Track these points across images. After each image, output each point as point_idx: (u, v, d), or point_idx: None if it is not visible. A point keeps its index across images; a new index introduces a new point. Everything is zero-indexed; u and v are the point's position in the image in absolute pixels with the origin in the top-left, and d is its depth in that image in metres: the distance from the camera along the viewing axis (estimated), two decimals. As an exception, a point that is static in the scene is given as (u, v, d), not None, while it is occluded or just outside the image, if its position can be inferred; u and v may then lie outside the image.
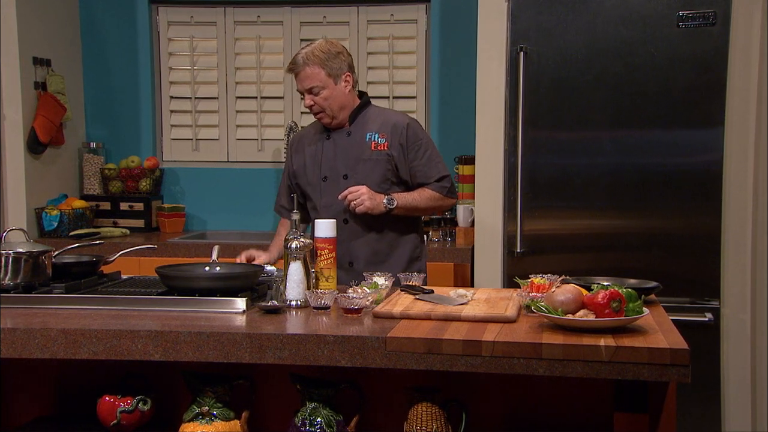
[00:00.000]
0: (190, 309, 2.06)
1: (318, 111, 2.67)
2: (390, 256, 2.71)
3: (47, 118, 3.87)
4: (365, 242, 2.69)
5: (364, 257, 2.68)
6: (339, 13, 4.14)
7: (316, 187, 2.72)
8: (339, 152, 2.70)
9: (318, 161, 2.72)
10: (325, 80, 2.64)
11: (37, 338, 1.86)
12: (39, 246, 2.27)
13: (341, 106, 2.69)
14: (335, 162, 2.70)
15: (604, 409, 1.93)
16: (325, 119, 2.69)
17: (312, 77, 2.63)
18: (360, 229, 2.68)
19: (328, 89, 2.65)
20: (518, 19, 3.28)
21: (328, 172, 2.70)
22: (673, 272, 3.21)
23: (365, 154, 2.67)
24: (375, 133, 2.69)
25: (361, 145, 2.68)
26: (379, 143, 2.67)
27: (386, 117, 2.74)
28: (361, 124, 2.72)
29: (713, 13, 3.15)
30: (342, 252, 2.61)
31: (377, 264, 2.64)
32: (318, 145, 2.74)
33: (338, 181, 2.68)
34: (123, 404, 1.99)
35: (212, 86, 4.24)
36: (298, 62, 2.65)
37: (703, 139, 3.22)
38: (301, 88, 2.67)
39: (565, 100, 3.29)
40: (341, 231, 2.59)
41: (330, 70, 2.65)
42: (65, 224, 3.86)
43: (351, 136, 2.71)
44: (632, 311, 1.83)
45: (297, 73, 2.66)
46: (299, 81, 2.67)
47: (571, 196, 3.30)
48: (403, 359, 1.76)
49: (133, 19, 4.20)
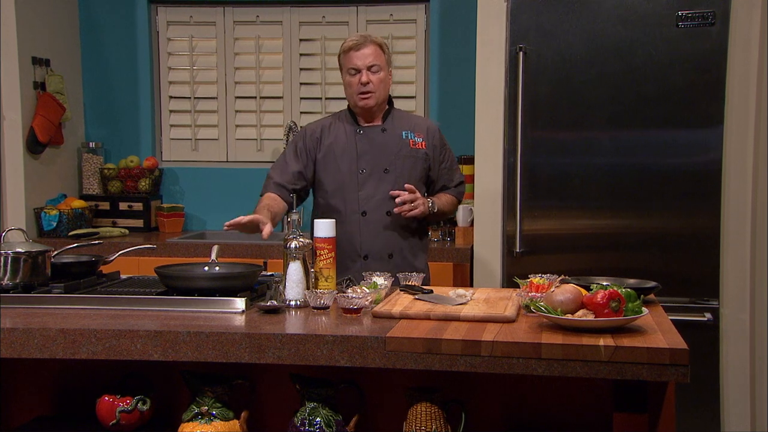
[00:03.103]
0: (190, 309, 2.06)
1: (369, 91, 2.66)
2: (420, 250, 2.79)
3: (46, 117, 3.87)
4: (403, 235, 2.73)
5: (400, 249, 2.72)
6: (338, 13, 4.14)
7: (352, 178, 2.70)
8: (375, 147, 2.72)
9: (353, 154, 2.71)
10: (384, 63, 2.69)
11: (36, 338, 1.86)
12: (38, 246, 2.26)
13: (386, 96, 2.74)
14: (373, 156, 2.71)
15: (603, 409, 1.93)
16: (371, 100, 2.68)
17: (376, 55, 2.66)
18: (399, 222, 2.70)
19: (385, 72, 2.70)
20: (517, 19, 3.28)
21: (366, 166, 2.70)
22: (672, 272, 3.21)
23: (404, 150, 2.71)
24: (410, 131, 2.75)
25: (399, 141, 2.72)
26: (417, 141, 2.74)
27: (415, 119, 2.87)
28: (393, 123, 2.76)
29: (712, 13, 3.15)
30: (381, 244, 2.69)
31: (411, 257, 2.73)
32: (349, 138, 2.73)
33: (378, 174, 2.69)
34: (122, 404, 1.99)
35: (211, 86, 4.24)
36: (364, 39, 2.68)
37: (702, 138, 3.22)
38: (362, 65, 2.65)
39: (564, 100, 3.29)
40: (382, 224, 2.68)
41: (388, 58, 2.72)
42: (64, 224, 3.86)
43: (386, 132, 2.73)
44: (631, 311, 1.83)
45: (360, 48, 2.66)
46: (360, 57, 2.65)
47: (571, 196, 3.30)
48: (402, 359, 1.76)
49: (132, 18, 4.20)
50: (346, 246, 2.65)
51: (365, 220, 2.69)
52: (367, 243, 2.70)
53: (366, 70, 2.65)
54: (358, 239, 2.69)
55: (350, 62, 2.67)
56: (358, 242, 2.69)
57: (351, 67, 2.67)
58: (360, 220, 2.69)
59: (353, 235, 2.69)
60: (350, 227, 2.68)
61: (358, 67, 2.66)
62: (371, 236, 2.69)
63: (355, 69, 2.67)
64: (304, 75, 4.19)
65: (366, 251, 2.69)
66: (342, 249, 2.64)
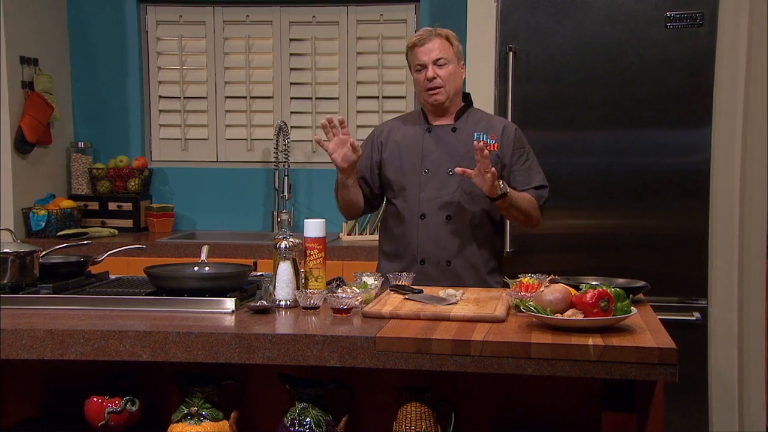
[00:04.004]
0: (179, 309, 2.05)
1: (437, 86, 2.54)
2: (478, 262, 2.60)
3: (34, 117, 3.85)
4: (462, 243, 2.58)
5: (463, 257, 2.57)
6: (328, 13, 4.14)
7: (413, 178, 2.60)
8: (443, 146, 2.59)
9: (418, 153, 2.60)
10: (452, 56, 2.56)
11: (24, 339, 1.85)
12: (26, 246, 2.25)
13: (457, 90, 2.61)
14: (439, 156, 2.59)
15: (592, 408, 1.94)
16: (441, 96, 2.55)
17: (442, 48, 2.54)
18: (460, 229, 2.57)
19: (453, 66, 2.56)
20: (507, 19, 3.28)
21: (430, 166, 2.58)
22: (661, 272, 3.22)
23: (473, 152, 2.49)
24: (483, 133, 2.60)
25: (468, 143, 2.55)
26: (488, 143, 2.57)
27: (493, 120, 2.68)
28: (466, 122, 2.63)
29: (701, 14, 3.17)
30: (438, 249, 2.56)
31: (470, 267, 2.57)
32: (417, 137, 2.62)
33: (442, 176, 2.57)
34: (111, 405, 1.98)
35: (201, 86, 4.23)
36: (428, 33, 2.55)
37: (691, 139, 3.23)
38: (427, 60, 2.53)
39: (554, 100, 3.30)
40: (440, 228, 2.55)
41: (456, 50, 2.59)
42: (53, 224, 3.84)
43: (457, 132, 2.61)
44: (620, 311, 1.83)
45: (424, 42, 2.54)
46: (426, 51, 2.53)
47: (560, 196, 3.30)
48: (392, 359, 1.77)
49: (121, 18, 4.18)
50: (404, 250, 2.59)
51: (423, 223, 2.57)
52: (424, 247, 2.57)
53: (432, 64, 2.53)
54: (416, 242, 2.58)
55: (416, 58, 2.56)
56: (415, 246, 2.58)
57: (417, 64, 2.56)
58: (418, 223, 2.58)
59: (411, 238, 2.58)
60: (408, 230, 2.59)
61: (424, 63, 2.54)
62: (429, 240, 2.56)
63: (421, 65, 2.55)
64: (294, 75, 4.18)
65: (423, 256, 2.57)
66: (401, 253, 2.60)
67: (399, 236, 2.63)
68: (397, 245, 2.64)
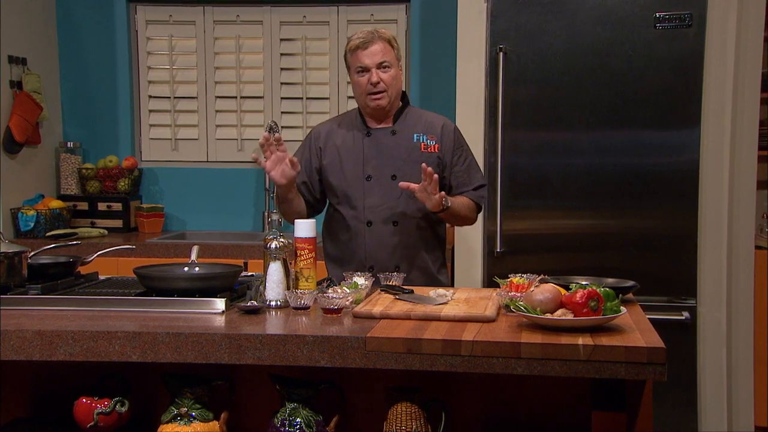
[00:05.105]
0: (169, 310, 2.04)
1: (381, 90, 2.52)
2: (426, 263, 2.62)
3: (23, 117, 3.83)
4: (409, 247, 2.58)
5: (409, 261, 2.58)
6: (319, 13, 4.14)
7: (357, 185, 2.58)
8: (383, 151, 2.58)
9: (359, 159, 2.58)
10: (394, 59, 2.55)
11: (12, 340, 1.84)
12: (14, 246, 2.24)
13: (398, 93, 2.59)
14: (380, 161, 2.57)
15: (582, 407, 1.94)
16: (383, 101, 2.54)
17: (385, 52, 2.52)
18: (407, 234, 2.58)
19: (395, 69, 2.55)
20: (497, 19, 3.29)
21: (373, 171, 2.57)
22: (650, 271, 3.24)
23: (414, 155, 2.53)
24: (423, 134, 2.59)
25: (409, 145, 2.56)
26: (429, 145, 2.57)
27: (431, 118, 2.66)
28: (405, 124, 2.62)
29: (689, 14, 3.18)
30: (386, 256, 2.56)
31: (425, 269, 2.59)
32: (356, 142, 2.60)
33: (385, 181, 2.56)
34: (100, 406, 1.98)
35: (191, 86, 4.22)
36: (371, 35, 2.53)
37: (680, 139, 3.25)
38: (371, 63, 2.51)
39: (544, 101, 3.31)
40: (388, 235, 2.54)
41: (397, 53, 2.58)
42: (42, 224, 3.82)
43: (396, 135, 2.59)
44: (610, 310, 1.84)
45: (367, 46, 2.51)
46: (369, 55, 2.51)
47: (550, 196, 3.32)
48: (382, 359, 1.77)
49: (110, 17, 4.17)
50: (352, 256, 2.59)
51: (370, 231, 2.57)
52: (372, 254, 2.57)
53: (375, 68, 2.51)
54: (364, 249, 2.58)
55: (358, 61, 2.53)
56: (364, 253, 2.58)
57: (359, 66, 2.53)
58: (365, 230, 2.57)
59: (358, 246, 2.58)
60: (356, 237, 2.58)
61: (367, 66, 2.51)
62: (377, 247, 2.56)
63: (364, 68, 2.52)
64: (284, 75, 4.18)
65: (372, 262, 2.56)
66: (349, 259, 2.59)
67: (346, 242, 2.61)
68: (343, 251, 2.63)
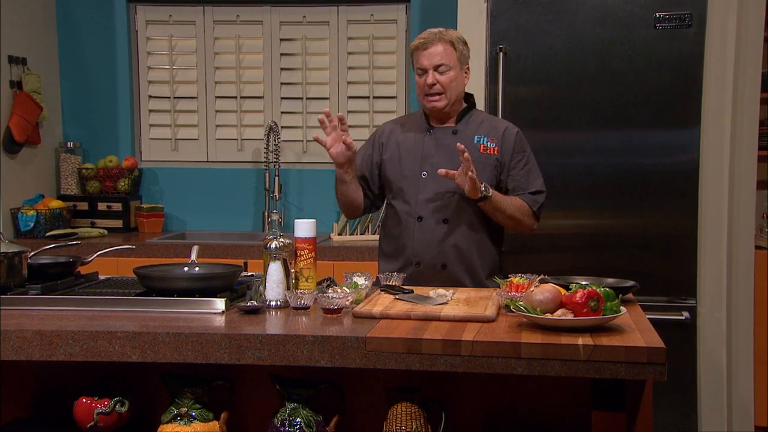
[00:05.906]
0: (169, 310, 2.04)
1: (437, 92, 2.52)
2: (475, 266, 2.58)
3: (23, 117, 3.83)
4: (458, 247, 2.55)
5: (458, 261, 2.56)
6: (319, 13, 4.14)
7: (412, 180, 2.58)
8: (442, 149, 2.56)
9: (418, 156, 2.58)
10: (455, 62, 2.53)
11: (12, 340, 1.84)
12: (14, 246, 2.24)
13: (458, 96, 2.58)
14: (439, 159, 2.55)
15: (582, 407, 1.94)
16: (439, 103, 2.53)
17: (445, 54, 2.50)
18: (457, 233, 2.55)
19: (455, 72, 2.53)
20: (497, 19, 3.29)
21: (429, 169, 2.55)
22: (650, 271, 3.24)
23: (473, 156, 2.46)
24: (484, 136, 2.58)
25: (469, 146, 2.49)
26: (488, 147, 2.57)
27: (495, 122, 2.66)
28: (467, 125, 2.61)
29: (689, 14, 3.18)
30: (433, 253, 2.54)
31: (466, 271, 2.55)
32: (417, 139, 2.61)
33: (441, 179, 2.50)
34: (100, 406, 1.98)
35: (191, 86, 4.22)
36: (432, 36, 2.51)
37: (679, 139, 3.25)
38: (428, 64, 2.50)
39: (544, 101, 3.31)
40: (437, 232, 2.53)
41: (460, 55, 2.55)
42: (42, 224, 3.82)
43: (457, 135, 2.57)
44: (610, 310, 1.84)
45: (426, 47, 2.50)
46: (427, 56, 2.51)
47: (550, 196, 3.30)
48: (382, 359, 1.77)
49: (110, 17, 4.17)
50: (401, 252, 2.58)
51: (420, 226, 2.56)
52: (419, 250, 2.56)
53: (432, 70, 2.50)
54: (412, 245, 2.56)
55: (417, 62, 2.53)
56: (411, 248, 2.57)
57: (418, 67, 2.54)
58: (415, 225, 2.56)
59: (407, 240, 2.57)
60: (406, 232, 2.57)
61: (425, 67, 2.51)
62: (425, 243, 2.55)
63: (422, 69, 2.52)
64: (284, 75, 4.18)
65: (418, 258, 2.56)
66: (398, 254, 2.60)
67: (396, 237, 2.62)
68: (394, 246, 2.64)
